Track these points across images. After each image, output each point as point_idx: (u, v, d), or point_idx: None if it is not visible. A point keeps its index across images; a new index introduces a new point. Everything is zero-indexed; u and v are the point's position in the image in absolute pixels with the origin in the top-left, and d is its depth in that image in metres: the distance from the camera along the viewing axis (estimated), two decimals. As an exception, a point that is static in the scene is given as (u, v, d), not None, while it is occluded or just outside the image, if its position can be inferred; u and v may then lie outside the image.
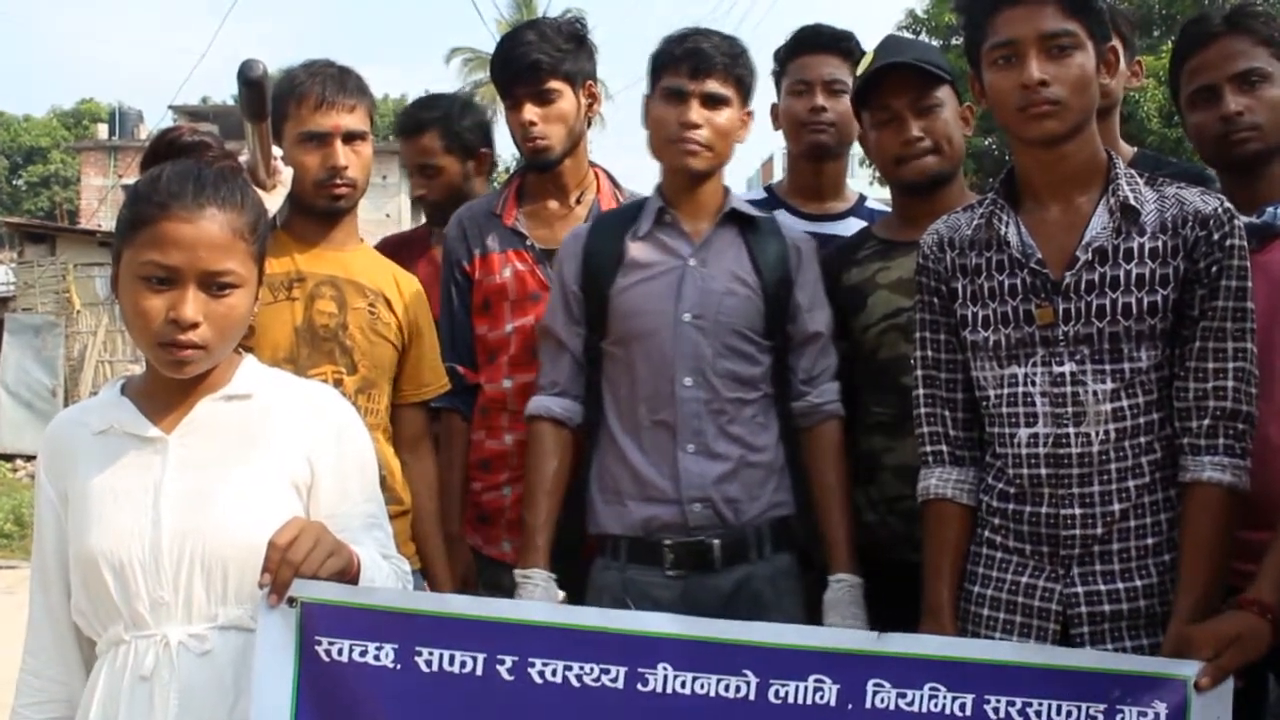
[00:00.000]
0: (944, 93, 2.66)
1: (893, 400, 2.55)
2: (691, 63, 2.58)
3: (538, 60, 2.89)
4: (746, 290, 2.61)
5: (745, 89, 2.65)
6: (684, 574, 2.53)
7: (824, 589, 2.52)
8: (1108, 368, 2.08)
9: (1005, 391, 2.15)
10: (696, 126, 2.57)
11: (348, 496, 1.96)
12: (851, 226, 3.11)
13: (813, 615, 2.54)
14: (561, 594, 2.60)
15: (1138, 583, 2.07)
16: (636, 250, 2.64)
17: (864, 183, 4.41)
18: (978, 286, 2.19)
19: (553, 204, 3.04)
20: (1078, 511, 2.09)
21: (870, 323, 2.68)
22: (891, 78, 2.63)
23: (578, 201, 3.04)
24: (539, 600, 2.45)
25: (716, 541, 2.53)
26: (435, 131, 3.54)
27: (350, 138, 2.68)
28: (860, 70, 2.74)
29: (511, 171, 3.28)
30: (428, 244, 3.51)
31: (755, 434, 2.59)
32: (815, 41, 3.13)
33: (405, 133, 3.58)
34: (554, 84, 2.92)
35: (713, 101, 2.58)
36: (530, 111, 2.91)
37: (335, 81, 2.68)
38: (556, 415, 2.65)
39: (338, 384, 2.59)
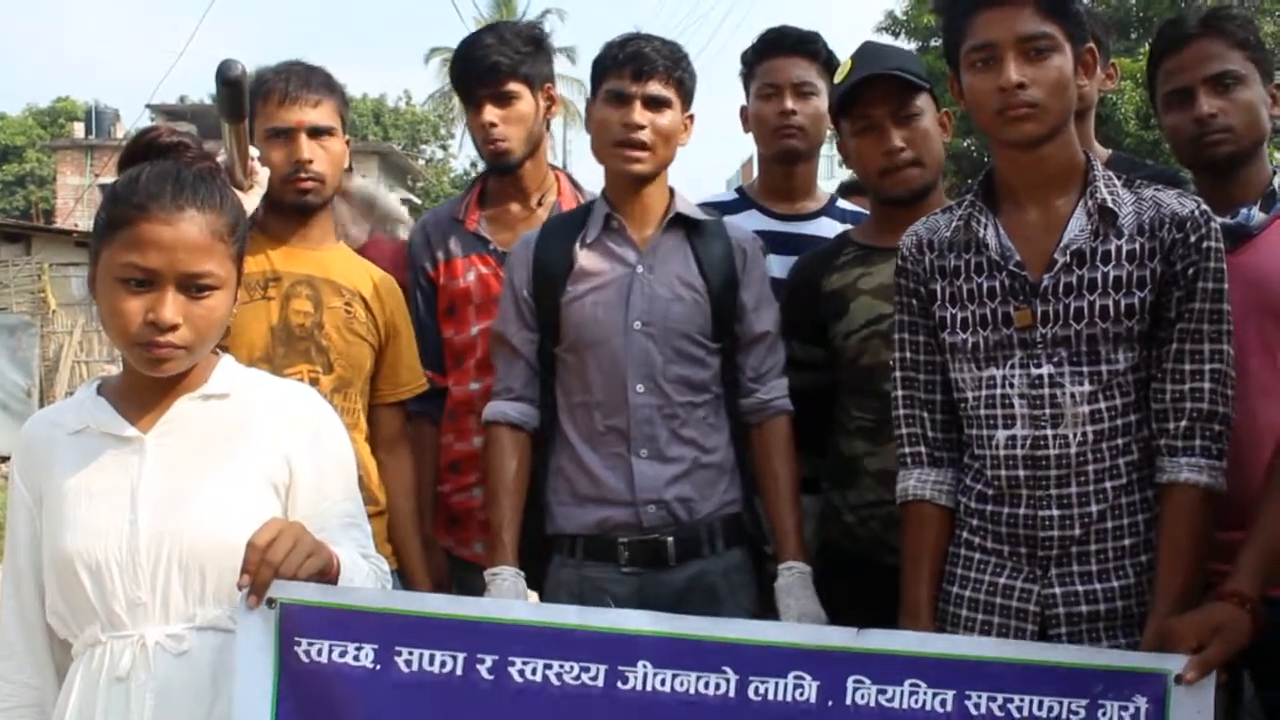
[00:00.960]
0: (923, 101, 2.67)
1: (874, 405, 2.55)
2: (634, 65, 2.60)
3: (497, 62, 2.93)
4: (693, 295, 2.63)
5: (687, 92, 2.67)
6: (639, 570, 2.57)
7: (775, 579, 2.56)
8: (1085, 370, 2.09)
9: (983, 393, 2.17)
10: (640, 128, 2.59)
11: (326, 496, 1.96)
12: (824, 226, 3.13)
13: (765, 607, 2.57)
14: (533, 594, 2.62)
15: (1115, 583, 2.08)
16: (585, 259, 2.66)
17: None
18: (956, 288, 2.21)
19: (514, 207, 3.07)
20: (1056, 513, 2.10)
21: (852, 329, 2.69)
22: (871, 87, 2.64)
23: (539, 204, 3.07)
24: (508, 597, 2.47)
25: (670, 539, 2.57)
26: None
27: (316, 133, 2.69)
28: (838, 78, 2.75)
29: (473, 177, 3.31)
30: None
31: (706, 435, 2.62)
32: (782, 43, 3.13)
33: None
34: (513, 85, 2.96)
35: (655, 104, 2.61)
36: (490, 113, 2.95)
37: (299, 77, 2.70)
38: (513, 420, 2.67)
39: (313, 383, 2.58)
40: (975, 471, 2.20)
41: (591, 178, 3.20)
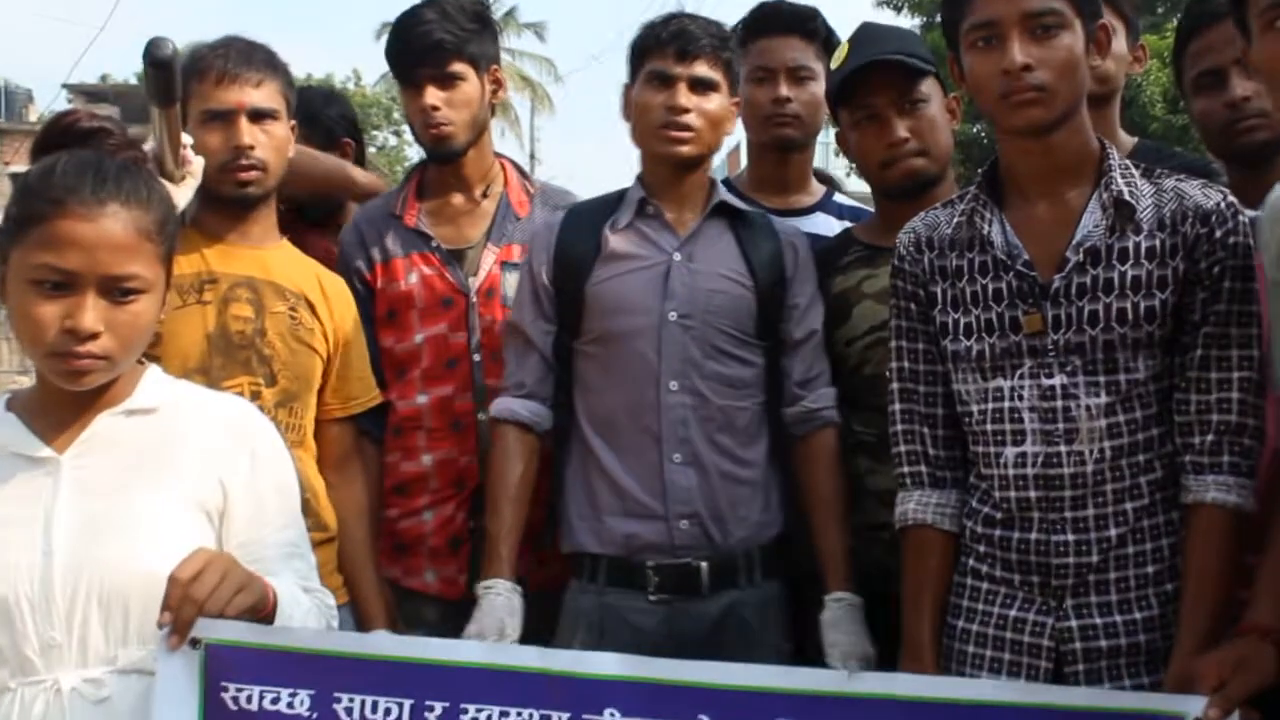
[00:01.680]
0: (929, 86, 2.66)
1: (877, 419, 2.53)
2: (678, 45, 2.60)
3: (441, 40, 2.89)
4: (738, 288, 2.63)
5: (733, 75, 2.68)
6: (668, 599, 2.55)
7: (820, 609, 2.53)
8: (1102, 379, 2.07)
9: (990, 406, 2.15)
10: (685, 111, 2.59)
11: (264, 523, 1.94)
12: (819, 222, 3.10)
13: (799, 648, 2.55)
14: (518, 627, 2.56)
15: (1137, 615, 2.07)
16: (616, 242, 2.65)
17: (840, 174, 4.41)
18: (959, 291, 2.19)
19: (457, 199, 3.04)
20: (1071, 538, 2.09)
21: (855, 335, 2.69)
22: (871, 74, 2.63)
23: (484, 195, 3.04)
24: (499, 613, 2.45)
25: (704, 564, 2.55)
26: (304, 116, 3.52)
27: (258, 116, 2.64)
28: (834, 63, 2.73)
29: (409, 168, 3.26)
30: None
31: (745, 445, 2.61)
32: (776, 22, 3.11)
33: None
34: (458, 66, 2.92)
35: (701, 86, 2.62)
36: (432, 95, 2.91)
37: (240, 55, 2.66)
38: (522, 419, 2.65)
39: (255, 397, 2.56)
40: (982, 493, 2.19)
41: (558, 169, 3.20)
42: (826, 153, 3.43)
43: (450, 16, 2.92)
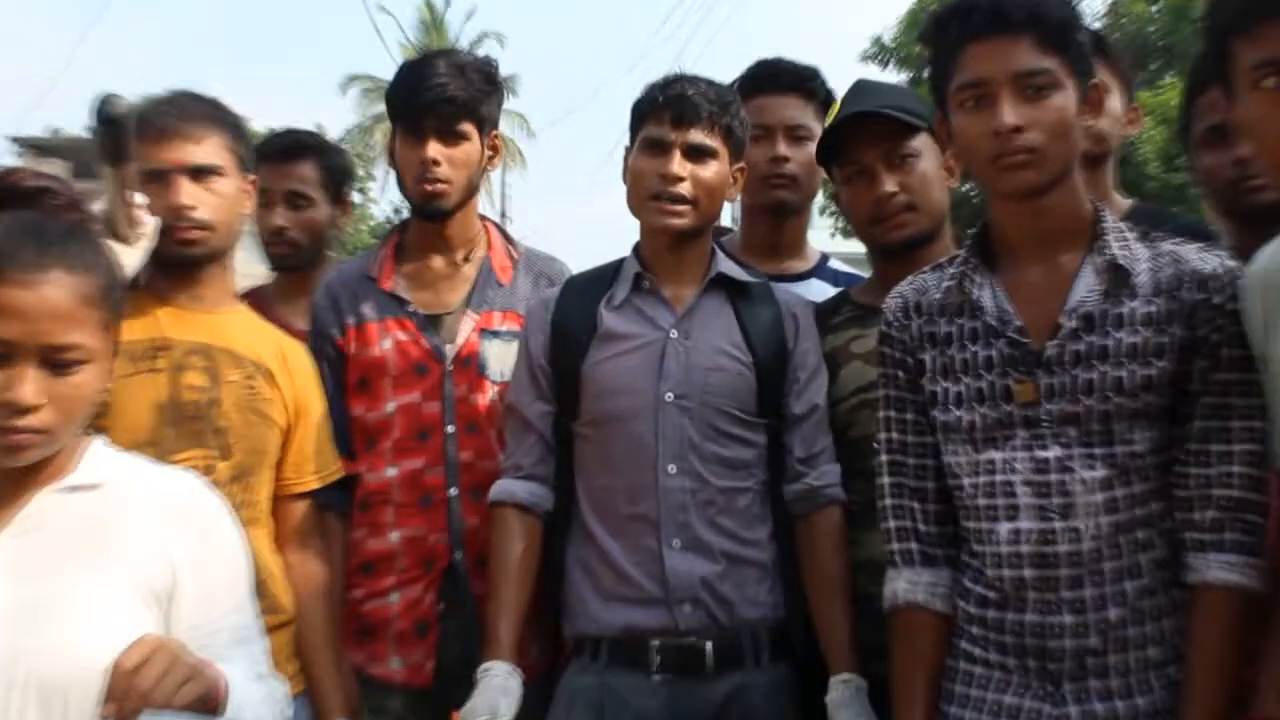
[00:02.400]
0: (921, 142, 2.67)
1: (862, 486, 2.52)
2: (675, 110, 2.61)
3: (454, 96, 2.91)
4: (736, 364, 2.64)
5: (736, 142, 2.69)
6: (671, 678, 2.54)
7: (824, 691, 2.50)
8: (1098, 451, 2.06)
9: (982, 480, 2.14)
10: (679, 180, 2.60)
11: (215, 606, 1.91)
12: (814, 289, 3.11)
13: None
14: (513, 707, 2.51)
15: (1139, 700, 2.04)
16: (612, 321, 2.67)
17: (824, 234, 4.46)
18: (948, 358, 2.18)
19: (437, 262, 3.04)
20: (1068, 619, 2.06)
21: (841, 396, 2.68)
22: (861, 128, 2.64)
23: (466, 259, 3.04)
24: (494, 694, 2.43)
25: (710, 644, 2.54)
26: (313, 161, 3.55)
27: (199, 173, 2.63)
28: (828, 120, 2.77)
29: (388, 229, 3.26)
30: (269, 302, 3.43)
31: (749, 526, 2.61)
32: (775, 81, 3.14)
33: (279, 156, 3.53)
34: (465, 125, 2.94)
35: (698, 153, 2.62)
36: (434, 149, 2.91)
37: (179, 109, 2.65)
38: (522, 501, 2.66)
39: (208, 471, 2.53)
40: (975, 571, 2.17)
41: (529, 226, 3.20)
42: (812, 210, 3.44)
43: (465, 73, 2.93)
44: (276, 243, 3.55)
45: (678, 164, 2.60)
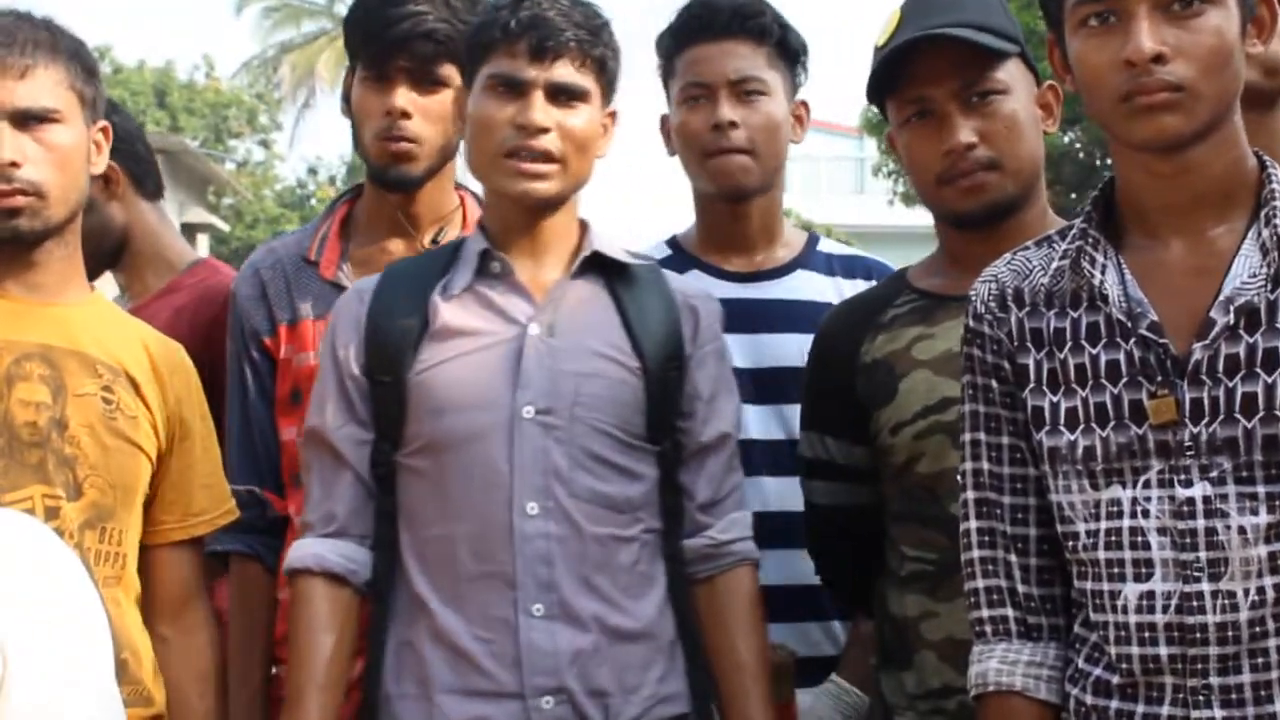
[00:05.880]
0: (1008, 72, 2.57)
1: (939, 539, 2.50)
2: (534, 38, 2.53)
3: (433, 30, 2.86)
4: (618, 370, 2.57)
5: (609, 78, 2.65)
6: None
7: None
8: (1261, 490, 1.97)
9: (1103, 526, 2.05)
10: (543, 130, 2.53)
11: (58, 696, 1.77)
12: (800, 284, 3.10)
13: None
14: None
15: (1304, 822, 1.96)
16: (449, 313, 2.59)
17: (881, 199, 4.38)
18: (1059, 363, 2.09)
19: (396, 244, 3.00)
20: (1219, 715, 1.97)
21: (903, 420, 2.59)
22: (925, 56, 2.53)
23: (434, 242, 2.99)
24: None
25: None
26: None
27: (28, 120, 2.52)
28: (880, 38, 2.63)
29: (332, 200, 3.27)
30: None
31: (633, 589, 2.55)
32: (710, 23, 3.04)
33: None
34: (445, 69, 2.89)
35: (564, 95, 2.56)
36: (404, 96, 2.87)
37: (3, 35, 2.54)
38: (332, 569, 2.56)
39: (52, 515, 2.44)
40: (1092, 647, 2.08)
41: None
42: (862, 170, 3.33)
43: (449, 4, 2.89)
44: None
45: (539, 109, 2.53)
